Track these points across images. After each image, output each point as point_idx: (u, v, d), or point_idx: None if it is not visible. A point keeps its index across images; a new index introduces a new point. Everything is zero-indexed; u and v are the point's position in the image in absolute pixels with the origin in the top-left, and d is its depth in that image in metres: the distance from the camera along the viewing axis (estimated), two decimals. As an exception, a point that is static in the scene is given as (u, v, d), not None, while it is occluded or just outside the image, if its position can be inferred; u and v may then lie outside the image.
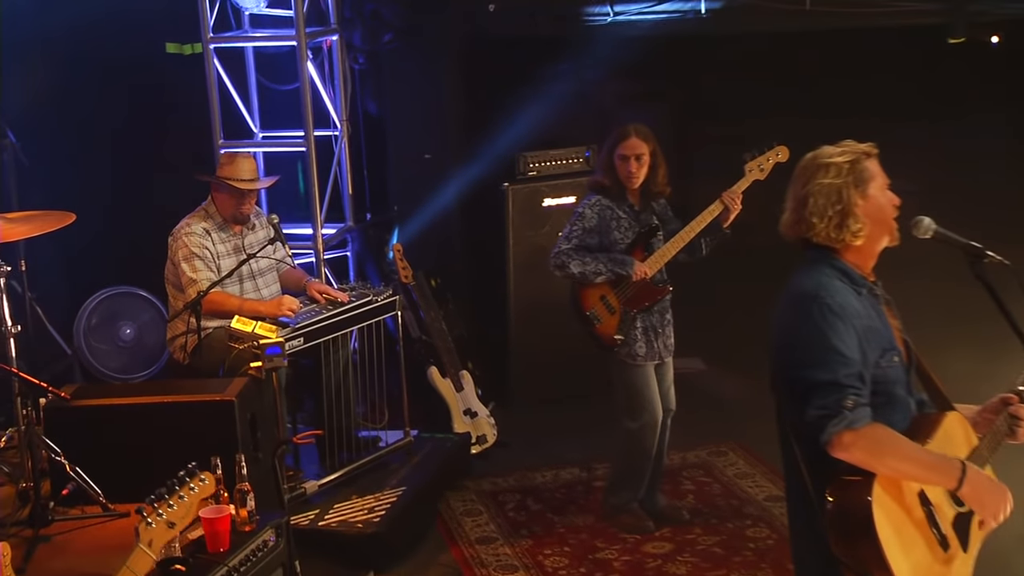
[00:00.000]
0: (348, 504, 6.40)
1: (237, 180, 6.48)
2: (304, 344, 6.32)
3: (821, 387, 3.32)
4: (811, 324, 3.38)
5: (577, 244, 6.20)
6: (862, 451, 3.30)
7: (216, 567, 4.50)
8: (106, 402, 5.67)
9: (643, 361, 6.27)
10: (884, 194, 3.56)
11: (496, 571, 6.11)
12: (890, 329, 3.57)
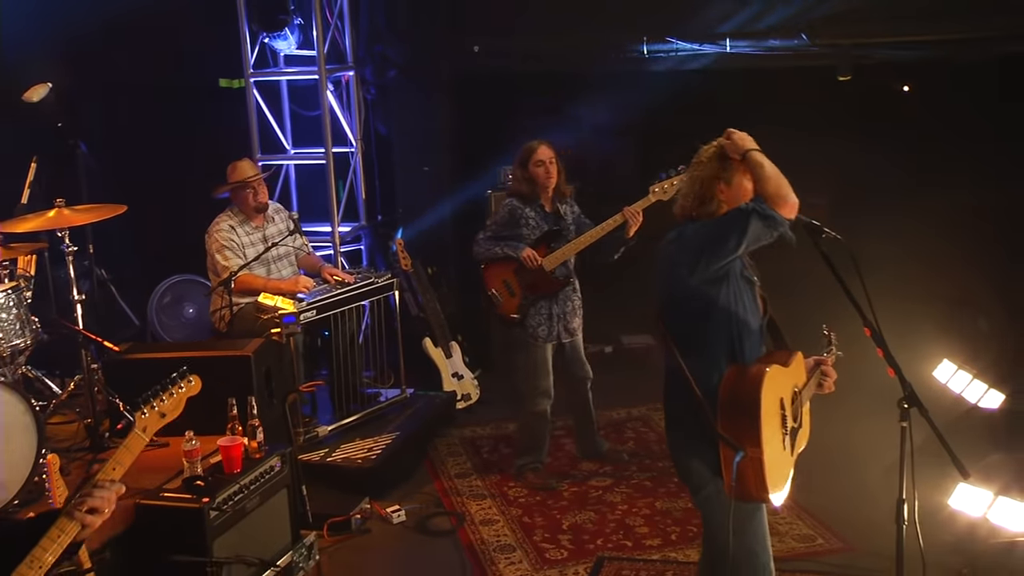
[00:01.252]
0: (352, 445, 6.78)
1: (246, 178, 6.93)
2: (317, 315, 6.75)
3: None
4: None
5: (492, 235, 6.45)
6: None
7: (230, 483, 4.99)
8: (150, 355, 6.15)
9: (542, 342, 6.48)
10: (749, 180, 3.91)
11: (468, 499, 6.51)
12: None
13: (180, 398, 3.29)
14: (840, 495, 6.00)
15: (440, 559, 5.86)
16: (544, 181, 6.38)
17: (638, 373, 7.96)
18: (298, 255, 7.33)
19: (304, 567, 5.45)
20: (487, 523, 6.22)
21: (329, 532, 6.05)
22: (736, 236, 3.78)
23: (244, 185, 6.95)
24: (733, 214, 3.87)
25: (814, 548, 5.68)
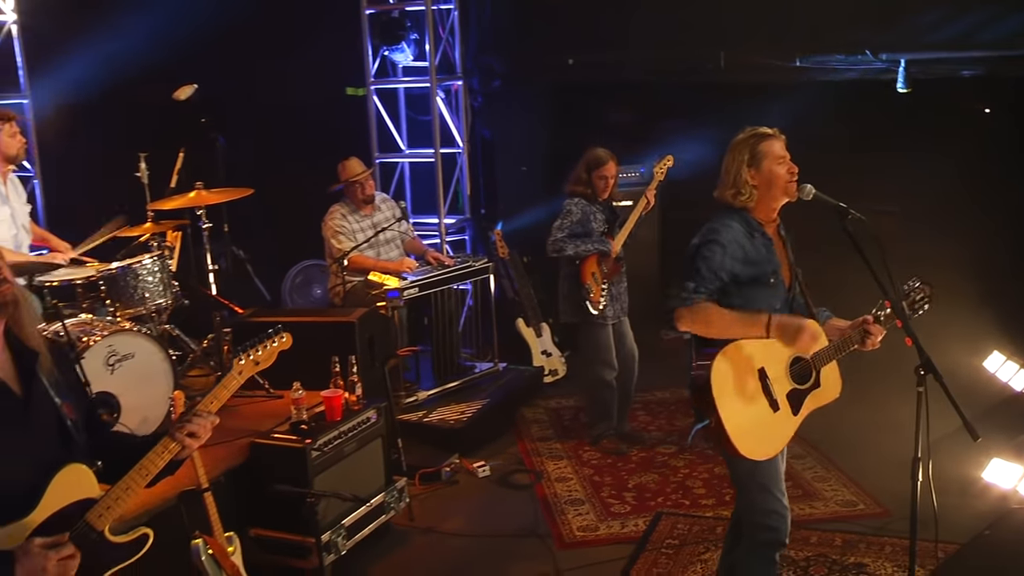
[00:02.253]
0: (446, 408, 6.98)
1: (354, 176, 7.16)
2: (419, 292, 6.97)
3: (683, 281, 3.84)
4: (699, 246, 3.90)
5: (568, 233, 6.50)
6: (691, 321, 3.78)
7: (330, 429, 5.21)
8: (270, 319, 6.43)
9: (608, 321, 6.58)
10: (777, 167, 3.91)
11: (547, 459, 6.68)
12: (776, 260, 3.97)
13: (273, 351, 3.43)
14: (884, 466, 5.99)
15: (517, 509, 6.01)
16: (602, 193, 6.57)
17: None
18: (404, 240, 7.53)
19: (395, 508, 5.63)
20: (561, 480, 6.36)
21: (420, 481, 6.28)
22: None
23: (353, 182, 7.20)
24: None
25: (855, 512, 5.69)
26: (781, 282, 4.00)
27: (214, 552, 4.43)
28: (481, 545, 5.60)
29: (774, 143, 3.98)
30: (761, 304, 3.92)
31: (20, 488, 2.75)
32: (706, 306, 3.79)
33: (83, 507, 2.85)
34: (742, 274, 3.88)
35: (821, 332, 3.97)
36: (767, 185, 3.95)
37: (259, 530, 5.15)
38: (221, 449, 5.24)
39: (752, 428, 3.85)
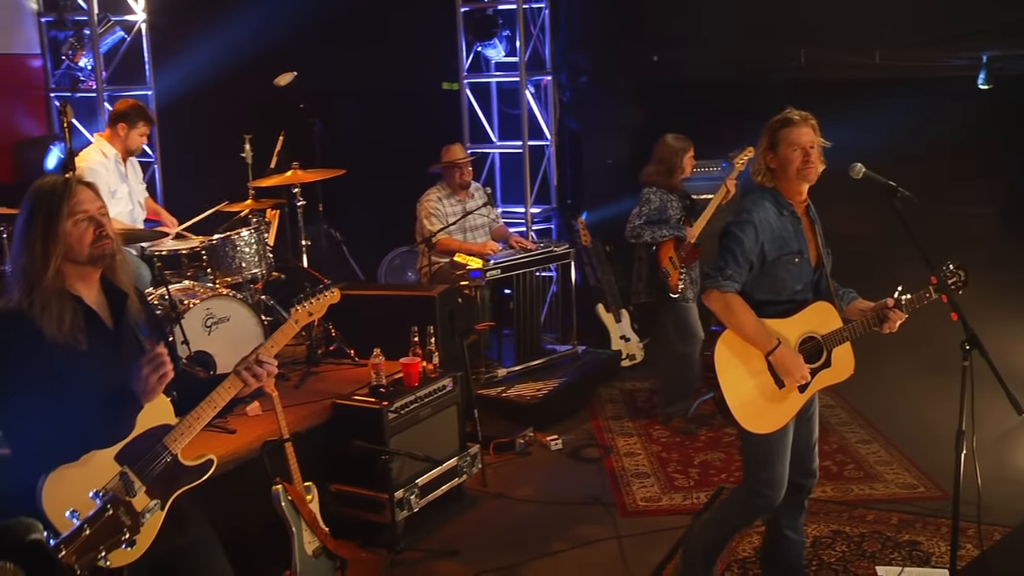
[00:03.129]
0: (524, 386, 7.12)
1: (456, 159, 7.35)
2: (501, 274, 7.13)
3: (718, 261, 3.94)
4: (732, 225, 4.00)
5: (646, 220, 6.58)
6: (718, 306, 3.91)
7: (407, 394, 5.41)
8: (360, 292, 6.67)
9: (690, 303, 6.66)
10: (792, 153, 3.95)
11: (618, 435, 6.77)
12: (802, 241, 4.01)
13: (324, 303, 3.58)
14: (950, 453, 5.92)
15: (585, 480, 6.12)
16: (678, 177, 6.69)
17: None
18: (491, 227, 7.69)
19: (468, 472, 5.80)
20: (629, 455, 6.45)
21: (495, 451, 6.43)
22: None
23: (454, 165, 7.37)
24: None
25: (914, 494, 5.65)
26: (807, 263, 4.04)
27: (293, 498, 4.65)
28: (548, 510, 5.73)
29: (794, 129, 4.00)
30: (784, 281, 4.01)
31: (115, 413, 2.99)
32: (735, 298, 3.91)
33: (162, 431, 3.08)
34: (769, 252, 3.96)
35: (803, 375, 3.99)
36: (783, 168, 4.01)
37: (338, 485, 5.38)
38: (306, 408, 5.49)
39: (754, 403, 3.95)
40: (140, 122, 6.09)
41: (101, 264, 3.06)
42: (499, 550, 5.27)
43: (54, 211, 2.98)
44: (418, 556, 5.25)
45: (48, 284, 2.95)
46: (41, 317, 2.93)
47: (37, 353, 2.91)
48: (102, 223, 3.04)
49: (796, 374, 3.92)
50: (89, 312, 3.03)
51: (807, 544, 5.02)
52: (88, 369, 2.96)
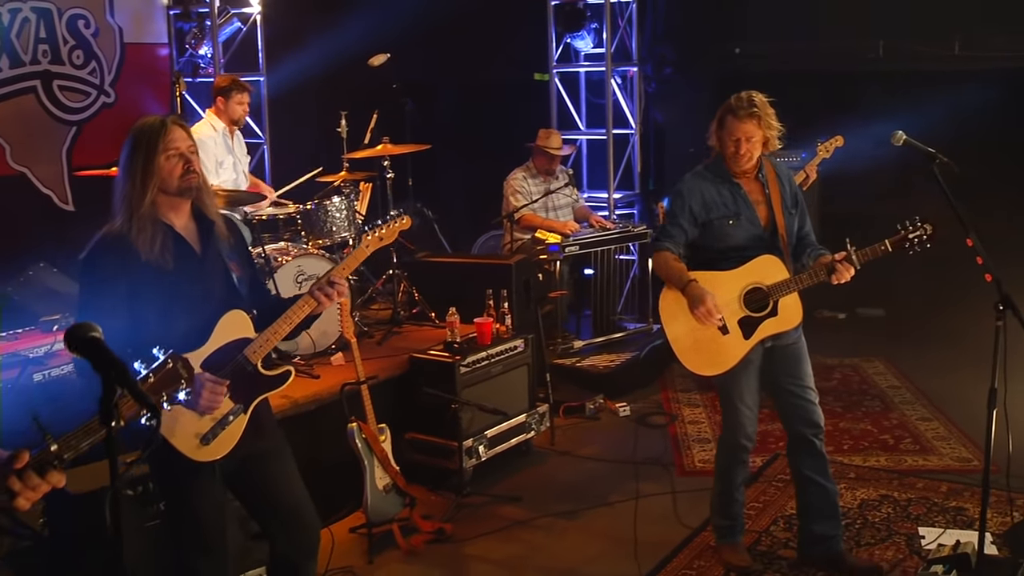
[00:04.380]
0: (598, 357, 7.30)
1: (549, 147, 7.57)
2: (579, 250, 7.31)
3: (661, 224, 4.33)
4: (669, 195, 4.45)
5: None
6: (653, 262, 4.36)
7: (479, 351, 5.65)
8: (442, 259, 6.96)
9: None
10: (728, 141, 4.19)
11: (684, 406, 6.88)
12: (740, 204, 4.23)
13: (394, 230, 3.82)
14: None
15: (648, 443, 6.26)
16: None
17: (866, 338, 8.03)
18: (574, 207, 7.86)
19: (535, 429, 6.01)
20: (693, 423, 6.57)
21: (564, 413, 6.63)
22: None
23: (546, 152, 7.56)
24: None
25: (968, 467, 5.64)
26: (747, 223, 4.26)
27: (367, 436, 4.94)
28: (609, 467, 5.91)
29: (735, 121, 4.19)
30: (723, 239, 4.26)
31: (196, 325, 3.29)
32: (662, 253, 4.26)
33: (242, 344, 3.37)
34: (699, 215, 4.25)
35: (713, 303, 4.15)
36: (720, 148, 4.28)
37: (413, 434, 5.65)
38: (386, 361, 5.78)
39: (697, 348, 4.26)
40: (235, 92, 6.50)
41: (188, 195, 3.37)
42: (559, 499, 5.47)
43: (151, 147, 3.29)
44: (483, 500, 5.49)
45: (144, 211, 3.27)
46: (137, 240, 3.25)
47: (132, 271, 3.22)
48: (190, 159, 3.34)
49: (701, 307, 4.11)
50: (177, 237, 3.34)
51: (854, 506, 5.11)
52: (173, 286, 3.26)
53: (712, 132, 4.32)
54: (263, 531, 3.70)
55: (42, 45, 7.29)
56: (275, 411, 3.84)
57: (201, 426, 3.26)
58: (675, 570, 4.62)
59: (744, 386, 4.36)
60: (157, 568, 3.84)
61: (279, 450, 3.60)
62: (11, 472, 2.18)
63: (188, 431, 3.23)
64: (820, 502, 4.49)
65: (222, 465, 3.36)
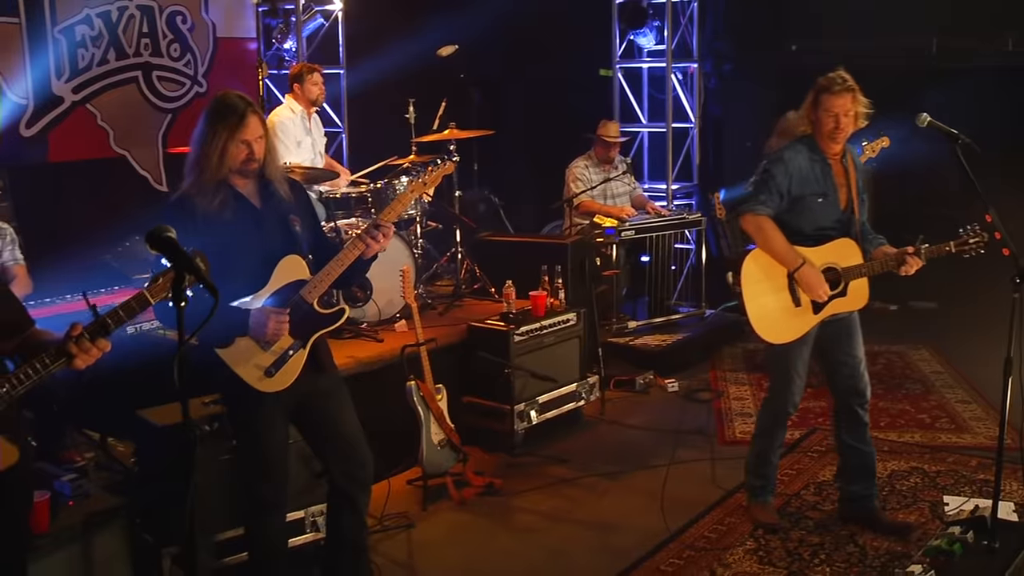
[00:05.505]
0: (651, 337, 7.51)
1: (607, 135, 7.79)
2: (635, 235, 7.50)
3: (754, 191, 4.37)
4: (767, 162, 4.42)
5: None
6: (751, 227, 4.32)
7: (533, 321, 5.90)
8: (503, 238, 7.20)
9: None
10: (825, 117, 4.29)
11: (731, 384, 7.04)
12: (829, 184, 4.34)
13: (439, 175, 4.08)
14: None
15: (693, 416, 6.46)
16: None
17: (916, 329, 8.10)
18: (632, 195, 8.06)
19: (586, 398, 6.24)
20: (738, 399, 6.73)
21: (615, 386, 6.85)
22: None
23: (605, 140, 7.78)
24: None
25: (1001, 445, 5.70)
26: (832, 204, 4.36)
27: (424, 394, 5.22)
28: (654, 436, 6.12)
29: (832, 96, 4.31)
30: (809, 216, 4.36)
31: (256, 269, 3.61)
32: (766, 220, 4.29)
33: (299, 285, 3.67)
34: (794, 188, 4.32)
35: (823, 293, 4.30)
36: (817, 127, 4.36)
37: (469, 397, 5.92)
38: (446, 330, 6.05)
39: (769, 315, 4.35)
40: (307, 75, 6.88)
41: (246, 176, 3.67)
42: (603, 461, 5.70)
43: (228, 134, 3.57)
44: (532, 460, 5.74)
45: (210, 176, 3.59)
46: (202, 199, 3.57)
47: (199, 225, 3.52)
48: (253, 148, 3.64)
49: (817, 290, 4.26)
50: (238, 195, 3.65)
51: (883, 476, 5.23)
52: (234, 236, 3.56)
53: (805, 109, 4.41)
54: (321, 462, 4.00)
55: (144, 39, 7.70)
56: (340, 369, 4.15)
57: (264, 360, 3.58)
58: (707, 525, 4.82)
59: (799, 357, 4.47)
60: (228, 498, 4.16)
61: (337, 389, 3.89)
62: (69, 339, 2.66)
63: (253, 364, 3.56)
64: (858, 464, 4.67)
65: (285, 399, 3.67)
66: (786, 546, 4.55)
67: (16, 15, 6.79)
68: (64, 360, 2.70)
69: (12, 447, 2.74)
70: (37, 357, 2.70)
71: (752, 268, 4.36)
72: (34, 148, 7.04)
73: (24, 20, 6.86)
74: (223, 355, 3.55)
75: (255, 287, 3.60)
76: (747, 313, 4.36)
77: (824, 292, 4.28)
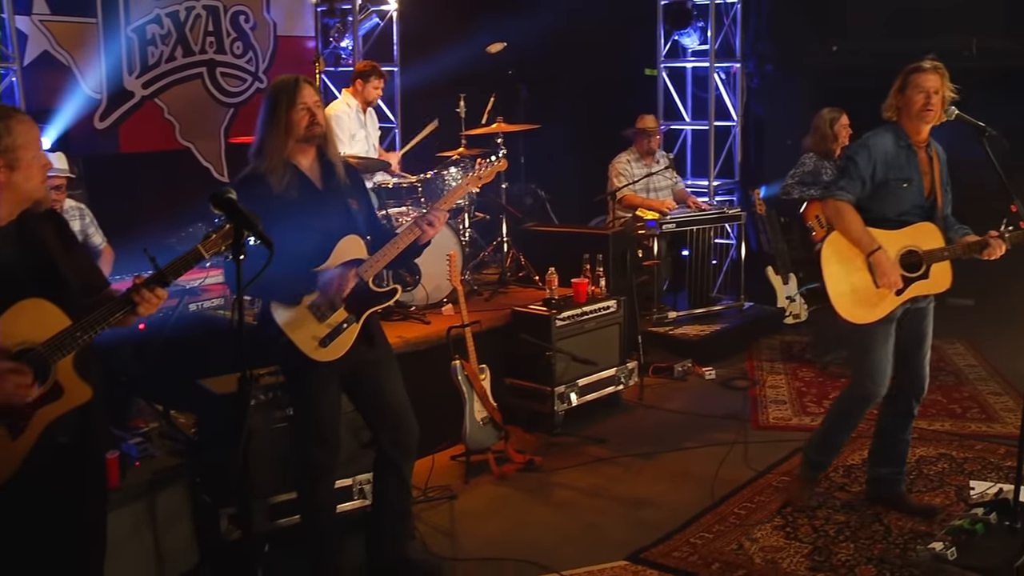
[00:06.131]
0: (690, 327, 7.57)
1: (645, 127, 7.87)
2: (675, 228, 7.58)
3: (836, 177, 4.38)
4: (851, 149, 4.41)
5: (798, 180, 6.95)
6: (830, 211, 4.32)
7: (574, 307, 6.01)
8: (547, 228, 7.33)
9: None
10: (916, 95, 4.27)
11: (767, 373, 7.10)
12: (914, 170, 4.33)
13: (492, 170, 4.25)
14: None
15: (729, 402, 6.54)
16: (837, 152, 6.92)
17: (952, 324, 7.87)
18: (673, 190, 8.15)
19: (624, 382, 6.35)
20: (773, 387, 6.80)
21: (654, 373, 6.95)
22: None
23: (644, 132, 7.89)
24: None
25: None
26: (916, 190, 4.35)
27: (468, 373, 5.37)
28: (690, 420, 6.21)
29: (922, 75, 4.30)
30: (893, 201, 4.34)
31: (317, 246, 3.79)
32: (845, 205, 4.30)
33: (356, 264, 3.85)
34: (879, 173, 4.31)
35: (895, 280, 4.27)
36: (906, 107, 4.33)
37: (512, 379, 6.06)
38: (490, 314, 6.19)
39: (851, 295, 4.33)
40: (373, 77, 7.05)
41: (313, 141, 3.85)
42: (641, 442, 5.81)
43: (289, 103, 3.79)
44: (571, 440, 5.87)
45: (278, 155, 3.78)
46: (271, 177, 3.76)
47: (266, 203, 3.69)
48: (315, 113, 3.83)
49: (889, 276, 4.24)
50: (302, 175, 3.84)
51: (911, 461, 5.26)
52: (298, 214, 3.74)
53: (891, 96, 4.39)
54: (370, 430, 4.18)
55: (209, 37, 7.97)
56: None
57: (319, 331, 3.76)
58: (737, 503, 4.91)
59: (881, 343, 4.42)
60: (282, 464, 4.34)
61: (387, 361, 4.06)
62: (132, 289, 2.90)
63: (309, 334, 3.74)
64: (892, 451, 4.72)
65: (338, 368, 3.84)
66: (812, 523, 4.63)
67: (94, 15, 7.09)
68: (129, 307, 2.90)
69: (86, 385, 2.94)
70: (106, 305, 2.91)
71: (833, 250, 4.36)
72: (106, 139, 7.33)
73: (101, 20, 7.14)
74: (283, 324, 3.73)
75: (316, 263, 3.79)
76: (828, 293, 4.34)
77: (895, 280, 4.25)
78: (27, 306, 2.84)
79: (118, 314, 2.90)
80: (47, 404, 2.87)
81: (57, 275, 2.93)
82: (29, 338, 2.82)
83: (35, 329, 2.83)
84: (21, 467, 2.85)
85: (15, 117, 2.92)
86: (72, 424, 2.97)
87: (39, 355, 2.83)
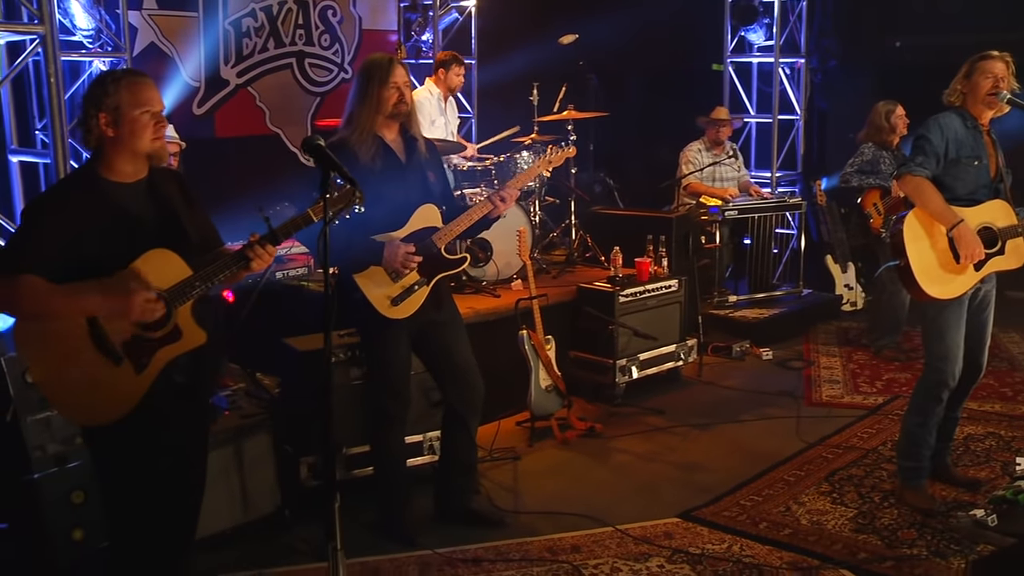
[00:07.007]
0: (749, 311, 7.61)
1: (717, 116, 7.92)
2: (737, 215, 7.61)
3: (912, 154, 4.30)
4: (923, 128, 4.31)
5: (857, 169, 6.90)
6: (910, 187, 4.23)
7: (637, 285, 6.13)
8: (613, 211, 7.43)
9: None
10: (983, 80, 4.24)
11: (822, 355, 7.11)
12: (982, 150, 4.27)
13: (562, 156, 4.38)
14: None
15: (784, 380, 6.58)
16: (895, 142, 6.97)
17: (1009, 315, 7.76)
18: (739, 180, 8.19)
19: (684, 358, 6.44)
20: (828, 368, 6.81)
21: (713, 352, 7.03)
22: None
23: (716, 122, 7.95)
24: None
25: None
26: (985, 169, 4.30)
27: (535, 343, 5.52)
28: (745, 396, 6.27)
29: (989, 61, 4.27)
30: (964, 179, 4.28)
31: (396, 212, 3.98)
32: (924, 180, 4.21)
33: (430, 231, 4.03)
34: (951, 151, 4.25)
35: (979, 252, 4.18)
36: (972, 92, 4.30)
37: (577, 352, 6.20)
38: (558, 290, 6.32)
39: (934, 271, 4.22)
40: (454, 65, 7.25)
41: (399, 119, 4.04)
42: (697, 414, 5.90)
43: (382, 80, 3.97)
44: (631, 411, 5.98)
45: (365, 126, 3.97)
46: (359, 148, 3.95)
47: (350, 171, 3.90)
48: (404, 92, 4.01)
49: (973, 249, 4.16)
50: (387, 147, 4.03)
51: (959, 438, 5.26)
52: (380, 183, 3.91)
53: (956, 83, 4.36)
54: (439, 387, 4.35)
55: (299, 29, 8.22)
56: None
57: (392, 291, 3.96)
58: (787, 470, 4.98)
59: (956, 325, 4.34)
60: (358, 419, 4.54)
61: (455, 323, 4.23)
62: (247, 245, 3.06)
63: (382, 294, 3.94)
64: (942, 427, 4.64)
65: (408, 326, 4.02)
66: (859, 491, 4.68)
67: (196, 10, 7.37)
68: (243, 262, 3.07)
69: (201, 331, 3.12)
70: (222, 259, 3.09)
71: (914, 226, 4.26)
72: (203, 125, 7.61)
73: (202, 14, 7.43)
74: (359, 281, 3.93)
75: (394, 228, 3.97)
76: (911, 269, 4.22)
77: (980, 251, 4.18)
78: (156, 255, 3.02)
79: (233, 268, 3.07)
80: (167, 345, 3.05)
81: (180, 228, 3.11)
82: (155, 283, 3.00)
83: (161, 276, 3.01)
84: (141, 402, 3.02)
85: (123, 79, 3.02)
86: (187, 367, 3.14)
87: (163, 299, 3.00)
